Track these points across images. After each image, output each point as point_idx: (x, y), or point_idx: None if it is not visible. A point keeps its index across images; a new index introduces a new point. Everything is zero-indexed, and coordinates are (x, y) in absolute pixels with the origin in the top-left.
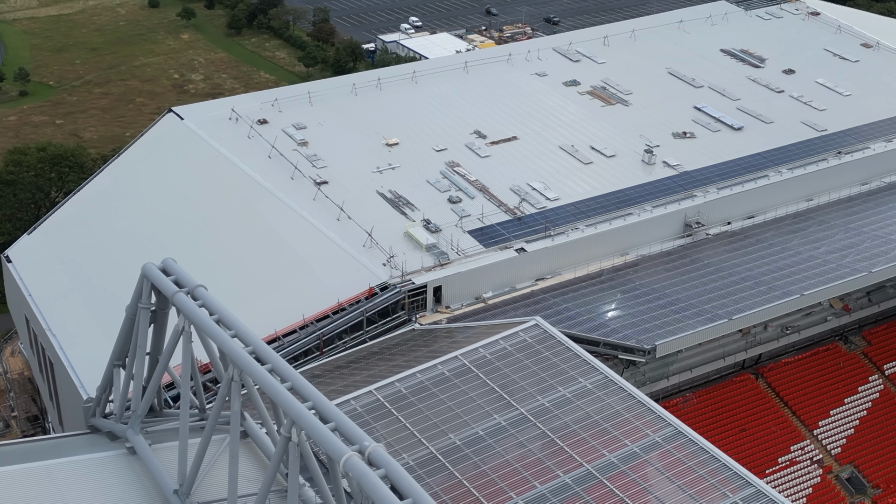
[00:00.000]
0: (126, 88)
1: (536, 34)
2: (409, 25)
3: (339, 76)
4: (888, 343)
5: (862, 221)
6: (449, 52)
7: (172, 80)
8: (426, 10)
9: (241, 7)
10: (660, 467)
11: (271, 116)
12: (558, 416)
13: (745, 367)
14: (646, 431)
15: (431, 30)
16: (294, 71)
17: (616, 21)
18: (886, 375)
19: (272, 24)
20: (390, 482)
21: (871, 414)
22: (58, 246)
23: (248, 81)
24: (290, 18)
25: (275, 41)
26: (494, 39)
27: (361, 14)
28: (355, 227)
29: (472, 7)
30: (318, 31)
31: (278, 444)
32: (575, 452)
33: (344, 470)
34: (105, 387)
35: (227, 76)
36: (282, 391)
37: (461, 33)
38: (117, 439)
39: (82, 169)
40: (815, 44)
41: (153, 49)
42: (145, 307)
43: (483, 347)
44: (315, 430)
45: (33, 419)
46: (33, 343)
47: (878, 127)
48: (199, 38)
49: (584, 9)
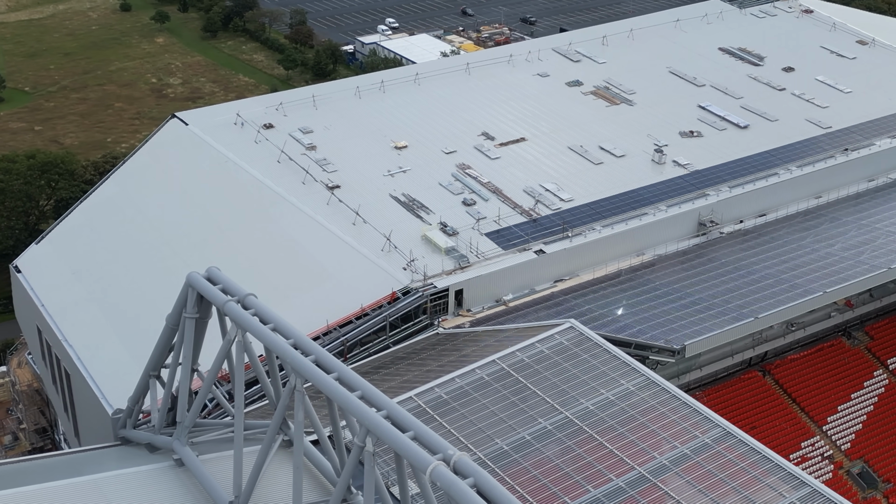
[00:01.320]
0: (103, 93)
1: (514, 34)
2: (387, 27)
3: (346, 78)
4: (891, 338)
5: (873, 218)
6: (432, 54)
7: (150, 84)
8: (402, 12)
9: (216, 10)
10: (712, 469)
11: (277, 120)
12: (604, 420)
13: (752, 364)
14: (694, 433)
15: (409, 31)
16: (273, 74)
17: (591, 20)
18: (891, 370)
19: (248, 26)
20: (479, 491)
21: (878, 409)
22: (68, 255)
23: (227, 85)
24: (266, 21)
25: (251, 44)
26: (472, 40)
27: (337, 16)
28: (372, 232)
29: (448, 8)
30: (296, 34)
31: (351, 454)
32: (625, 455)
33: (430, 479)
34: (138, 398)
35: (206, 80)
36: (353, 400)
37: (439, 34)
38: (157, 451)
39: (72, 176)
40: (812, 41)
41: (128, 53)
42: (191, 316)
43: (520, 351)
44: (395, 439)
45: (42, 431)
46: (46, 354)
47: (882, 123)
48: (175, 42)
49: (560, 8)
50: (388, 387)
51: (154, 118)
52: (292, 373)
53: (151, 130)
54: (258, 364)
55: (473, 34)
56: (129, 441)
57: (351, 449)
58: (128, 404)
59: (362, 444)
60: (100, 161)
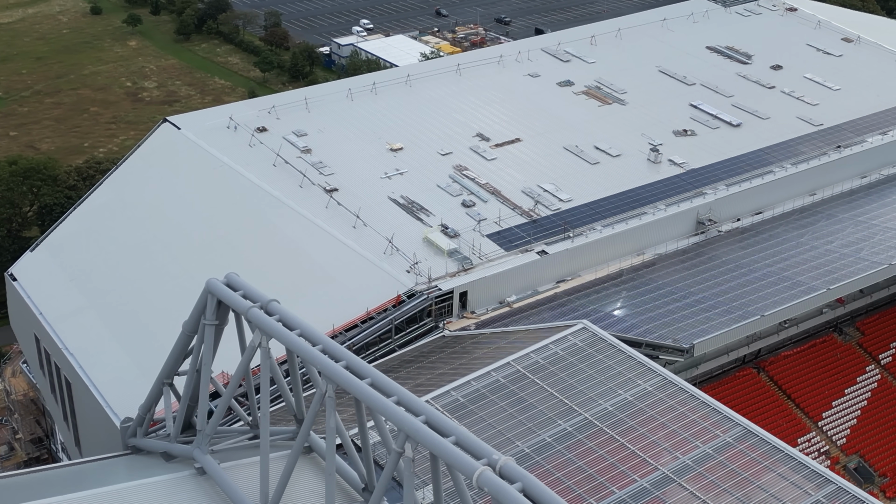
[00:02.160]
0: (78, 98)
1: (489, 34)
2: (361, 28)
3: (337, 80)
4: (881, 333)
5: (869, 215)
6: (411, 56)
7: (125, 88)
8: (375, 13)
9: (188, 12)
10: (736, 468)
11: (269, 124)
12: (623, 420)
13: (746, 361)
14: (715, 432)
15: (385, 32)
16: (249, 76)
17: (565, 20)
18: (882, 365)
19: (222, 29)
20: (528, 495)
21: (872, 404)
22: (64, 262)
23: (204, 88)
24: (240, 23)
25: (226, 46)
26: (448, 41)
27: (310, 17)
28: (373, 234)
29: (422, 9)
30: (271, 36)
31: (389, 459)
32: (647, 456)
33: (477, 485)
34: (150, 405)
35: (181, 83)
36: (390, 406)
37: (415, 35)
38: (173, 459)
39: (56, 182)
40: (797, 39)
41: (101, 57)
42: (210, 324)
43: (534, 353)
44: (437, 444)
45: (37, 441)
46: (45, 363)
47: (872, 120)
48: (148, 45)
49: (534, 8)
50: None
51: (131, 122)
52: (323, 379)
53: (129, 134)
54: (277, 370)
55: (449, 35)
56: (139, 450)
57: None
58: (138, 412)
59: (401, 450)
60: (83, 166)
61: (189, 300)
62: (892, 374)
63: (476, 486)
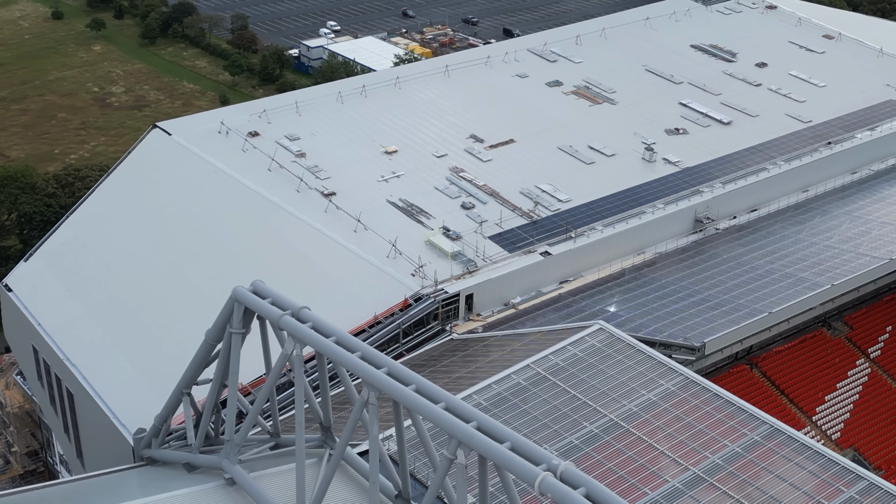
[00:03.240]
0: (45, 104)
1: (458, 35)
2: (329, 30)
3: (327, 83)
4: (869, 327)
5: (864, 210)
6: (385, 58)
7: (92, 93)
8: (342, 14)
9: (153, 16)
10: (767, 467)
11: (261, 128)
12: (650, 421)
13: (738, 358)
14: (742, 431)
15: (353, 34)
16: (218, 80)
17: (532, 20)
18: (872, 359)
19: (187, 32)
20: (592, 500)
21: (863, 397)
22: (60, 271)
23: (173, 92)
24: (206, 27)
25: (192, 50)
26: (417, 42)
27: (276, 20)
28: (374, 238)
29: (388, 10)
30: (239, 39)
31: (440, 466)
32: (677, 456)
33: (539, 491)
34: (167, 416)
35: (150, 87)
36: (440, 412)
37: (384, 36)
38: (196, 470)
39: (34, 190)
40: (779, 36)
41: (65, 62)
42: (237, 332)
43: (553, 354)
44: (493, 450)
45: (32, 454)
46: (44, 374)
47: (859, 116)
48: (113, 50)
49: (500, 8)
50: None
51: (101, 128)
52: (365, 387)
53: (99, 140)
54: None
55: (417, 36)
56: (154, 461)
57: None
58: (154, 423)
59: (452, 457)
60: (61, 174)
61: (191, 307)
62: (881, 368)
63: (538, 492)
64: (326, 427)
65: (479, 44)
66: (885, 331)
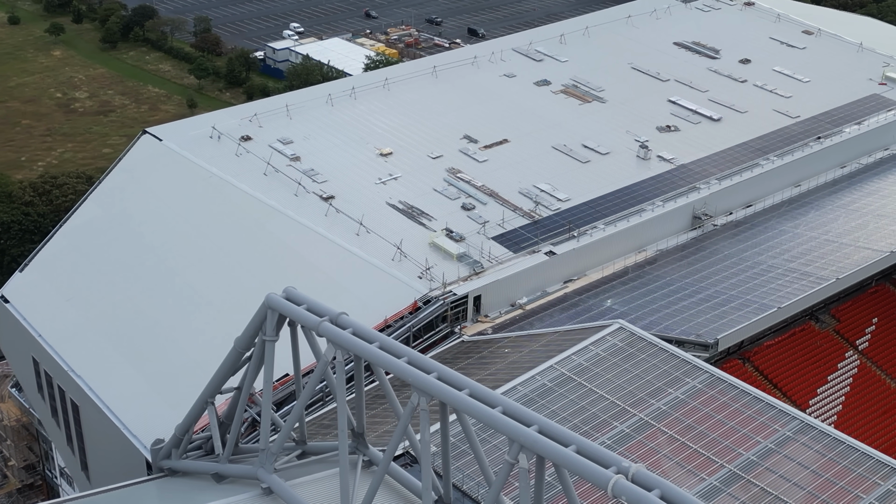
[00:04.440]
0: (7, 111)
1: (422, 35)
2: (292, 31)
3: (317, 86)
4: (856, 319)
5: (858, 204)
6: (355, 60)
7: (56, 99)
8: (304, 16)
9: (113, 20)
10: (801, 462)
11: (253, 132)
12: (680, 419)
13: (731, 353)
14: (773, 427)
15: (318, 35)
16: (183, 83)
17: (496, 18)
18: (860, 351)
19: (149, 36)
20: (668, 502)
21: (854, 389)
22: (57, 281)
23: (138, 97)
24: (168, 30)
25: (155, 53)
26: (383, 42)
27: (238, 22)
28: (378, 241)
29: (350, 11)
30: (203, 42)
31: (501, 471)
32: (711, 454)
33: (613, 494)
34: (189, 425)
35: (114, 92)
36: (499, 417)
37: (349, 38)
38: (224, 480)
39: (10, 199)
40: (760, 33)
41: (25, 68)
42: (271, 339)
43: (576, 355)
44: (559, 454)
45: (30, 468)
46: (45, 386)
47: (846, 111)
48: (73, 55)
49: (463, 8)
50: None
51: (67, 134)
52: (416, 392)
53: (66, 147)
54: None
55: (382, 37)
56: (175, 472)
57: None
58: (175, 433)
59: (514, 461)
60: (38, 182)
61: (195, 315)
62: (870, 360)
63: (611, 495)
64: (359, 433)
65: (444, 44)
66: (872, 322)
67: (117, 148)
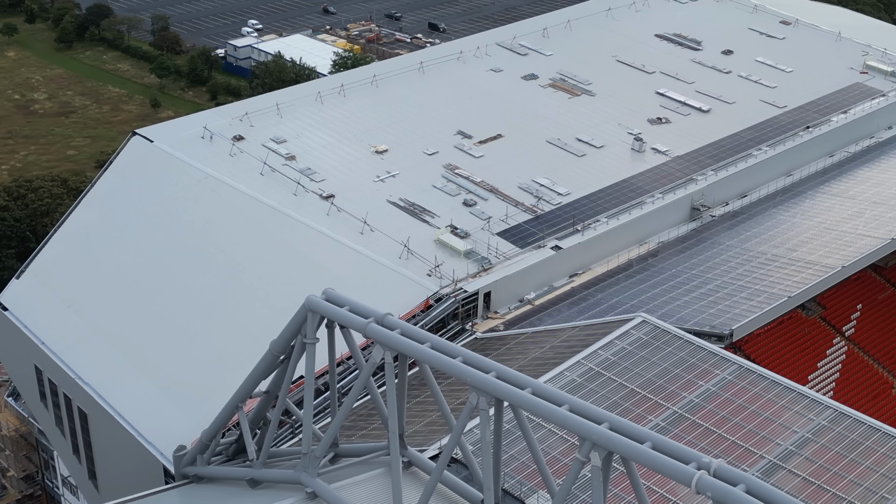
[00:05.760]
0: None
1: (383, 30)
2: (251, 28)
3: (305, 83)
4: (841, 305)
5: (853, 191)
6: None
7: (14, 101)
8: (261, 12)
9: (68, 19)
10: (839, 451)
11: (245, 132)
12: (714, 411)
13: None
14: (808, 416)
15: (278, 32)
16: (144, 83)
17: (455, 13)
18: (847, 337)
19: (105, 35)
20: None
21: (844, 375)
22: (56, 288)
23: (98, 97)
24: (124, 28)
25: (112, 53)
26: (344, 38)
27: (194, 20)
28: (382, 240)
29: (308, 7)
30: (162, 40)
31: (571, 470)
32: (749, 445)
33: (697, 490)
34: (217, 430)
35: (73, 93)
36: (567, 415)
37: (309, 34)
38: (259, 485)
39: None
40: (739, 24)
41: None
42: (311, 342)
43: (602, 349)
44: (637, 451)
45: (28, 478)
46: (49, 394)
47: (832, 100)
48: (28, 55)
49: (422, 3)
50: (466, 398)
51: (28, 136)
52: (474, 392)
53: (29, 150)
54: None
55: (342, 32)
56: (200, 479)
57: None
58: (201, 438)
59: (585, 460)
60: (12, 186)
61: (202, 318)
62: (857, 346)
63: (696, 491)
64: (401, 434)
65: (406, 39)
66: (857, 308)
67: (82, 150)
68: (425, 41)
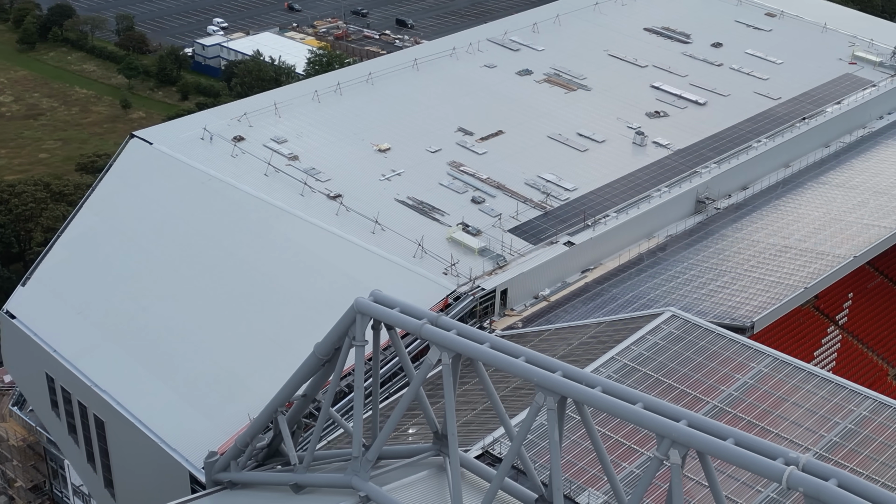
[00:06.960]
0: None
1: (350, 27)
2: (217, 27)
3: (302, 82)
4: (833, 294)
5: (854, 182)
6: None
7: None
8: (226, 11)
9: (29, 20)
10: (884, 440)
11: (244, 132)
12: (754, 404)
13: None
14: (848, 407)
15: (244, 31)
16: (112, 83)
17: (423, 8)
18: (841, 326)
19: (68, 35)
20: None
21: (840, 364)
22: (63, 294)
23: (66, 99)
24: (88, 28)
25: (77, 53)
26: (312, 35)
27: (158, 19)
28: (395, 239)
29: (272, 4)
30: (128, 40)
31: (649, 468)
32: (793, 438)
33: (788, 486)
34: (253, 436)
35: (40, 94)
36: (644, 413)
37: (276, 31)
38: (302, 490)
39: None
40: (724, 16)
41: None
42: (360, 344)
43: (634, 345)
44: (721, 448)
45: (36, 489)
46: (61, 402)
47: (824, 91)
48: None
49: None
50: (501, 395)
51: None
52: (540, 391)
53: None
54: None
55: (310, 30)
56: (234, 484)
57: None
58: (236, 444)
59: (664, 457)
60: None
61: (215, 322)
62: (851, 334)
63: (787, 487)
64: (443, 435)
65: (374, 35)
66: (848, 297)
67: (54, 152)
68: (394, 38)
